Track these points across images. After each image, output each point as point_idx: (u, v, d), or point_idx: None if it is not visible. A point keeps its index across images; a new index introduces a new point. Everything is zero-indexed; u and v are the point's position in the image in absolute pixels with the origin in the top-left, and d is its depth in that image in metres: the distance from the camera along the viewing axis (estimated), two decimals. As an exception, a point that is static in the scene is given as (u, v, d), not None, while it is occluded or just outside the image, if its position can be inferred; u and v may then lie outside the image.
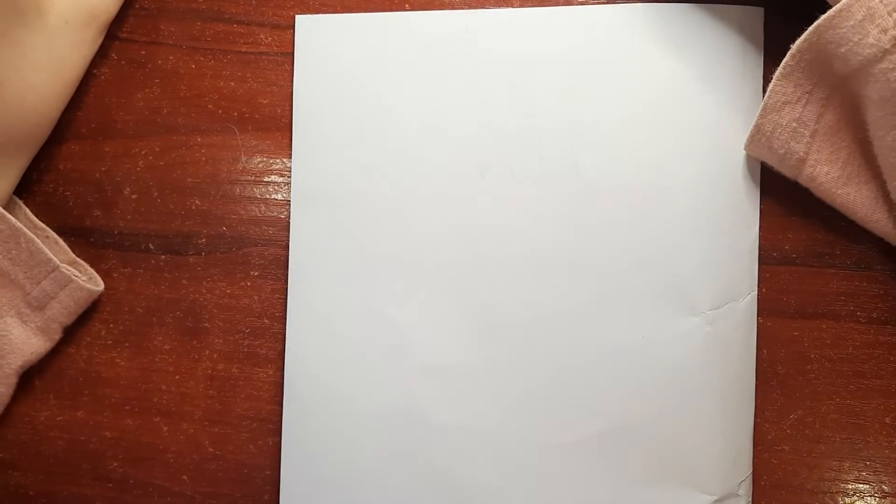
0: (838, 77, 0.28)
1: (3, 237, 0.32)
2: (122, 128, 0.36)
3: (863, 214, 0.30)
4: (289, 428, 0.34)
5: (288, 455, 0.34)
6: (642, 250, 0.33)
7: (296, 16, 0.35)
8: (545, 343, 0.33)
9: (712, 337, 0.32)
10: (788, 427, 0.33)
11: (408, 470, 0.33)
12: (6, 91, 0.31)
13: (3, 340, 0.32)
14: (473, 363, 0.33)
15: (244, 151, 0.35)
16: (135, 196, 0.36)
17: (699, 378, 0.33)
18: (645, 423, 0.33)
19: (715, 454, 0.32)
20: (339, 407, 0.34)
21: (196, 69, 0.35)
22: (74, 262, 0.34)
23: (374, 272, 0.34)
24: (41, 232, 0.34)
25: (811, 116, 0.29)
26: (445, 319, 0.34)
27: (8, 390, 0.33)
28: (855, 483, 0.33)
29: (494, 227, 0.33)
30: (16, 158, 0.33)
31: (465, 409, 0.33)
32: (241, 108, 0.35)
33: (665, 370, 0.33)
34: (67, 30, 0.32)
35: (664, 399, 0.33)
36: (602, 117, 0.33)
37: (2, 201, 0.32)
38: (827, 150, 0.29)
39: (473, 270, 0.33)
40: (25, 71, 0.31)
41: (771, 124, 0.29)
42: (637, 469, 0.33)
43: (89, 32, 0.33)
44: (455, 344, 0.34)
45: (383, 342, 0.34)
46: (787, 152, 0.29)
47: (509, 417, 0.33)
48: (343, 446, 0.33)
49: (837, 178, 0.30)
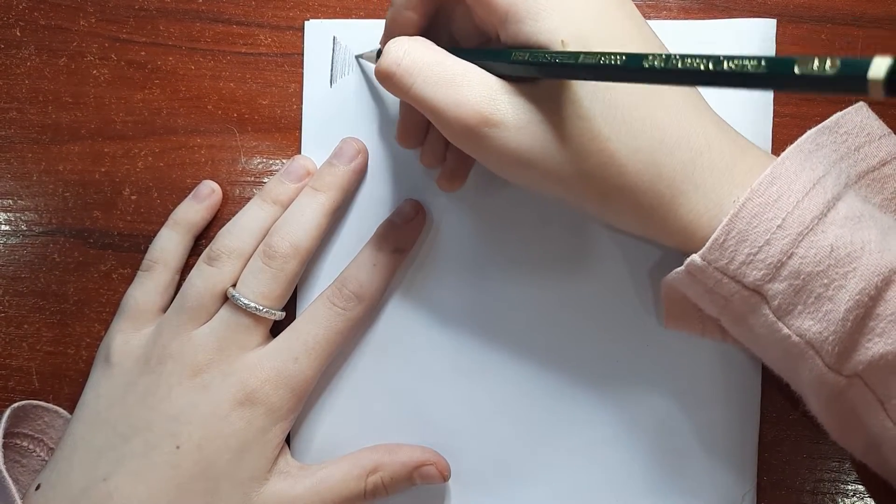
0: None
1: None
2: (122, 129, 0.36)
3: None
4: (296, 431, 0.34)
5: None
6: (648, 253, 0.33)
7: (305, 21, 0.35)
8: (547, 347, 0.33)
9: (717, 345, 0.32)
10: (788, 427, 0.33)
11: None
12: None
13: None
14: (474, 366, 0.33)
15: (244, 153, 0.35)
16: (134, 197, 0.36)
17: (703, 387, 0.32)
18: (647, 432, 0.33)
19: (718, 464, 0.32)
20: (344, 408, 0.34)
21: (196, 70, 0.35)
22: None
23: None
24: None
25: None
26: (449, 323, 0.34)
27: None
28: (855, 483, 0.33)
29: (499, 229, 0.33)
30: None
31: (466, 413, 0.33)
32: (241, 110, 0.35)
33: (668, 378, 0.33)
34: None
35: (667, 408, 0.33)
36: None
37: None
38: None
39: (480, 273, 0.33)
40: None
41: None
42: (638, 478, 0.33)
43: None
44: (459, 347, 0.33)
45: (389, 343, 0.34)
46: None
47: (509, 421, 0.33)
48: (343, 450, 0.33)
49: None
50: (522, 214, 0.33)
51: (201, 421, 0.30)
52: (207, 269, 0.32)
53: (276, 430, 0.31)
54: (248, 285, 0.32)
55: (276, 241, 0.32)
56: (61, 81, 0.36)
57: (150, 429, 0.30)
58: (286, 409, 0.31)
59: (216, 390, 0.31)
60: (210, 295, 0.32)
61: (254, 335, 0.32)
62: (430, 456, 0.32)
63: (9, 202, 0.36)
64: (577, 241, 0.33)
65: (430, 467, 0.32)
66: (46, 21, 0.36)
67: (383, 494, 0.32)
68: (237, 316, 0.32)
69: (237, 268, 0.32)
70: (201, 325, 0.32)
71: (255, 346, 0.32)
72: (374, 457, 0.32)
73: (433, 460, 0.32)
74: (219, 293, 0.32)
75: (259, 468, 0.31)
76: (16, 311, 0.36)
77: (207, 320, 0.32)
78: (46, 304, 0.36)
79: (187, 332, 0.32)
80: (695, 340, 0.32)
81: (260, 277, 0.32)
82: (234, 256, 0.32)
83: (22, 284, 0.36)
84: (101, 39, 0.36)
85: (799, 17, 0.33)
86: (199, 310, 0.32)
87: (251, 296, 0.31)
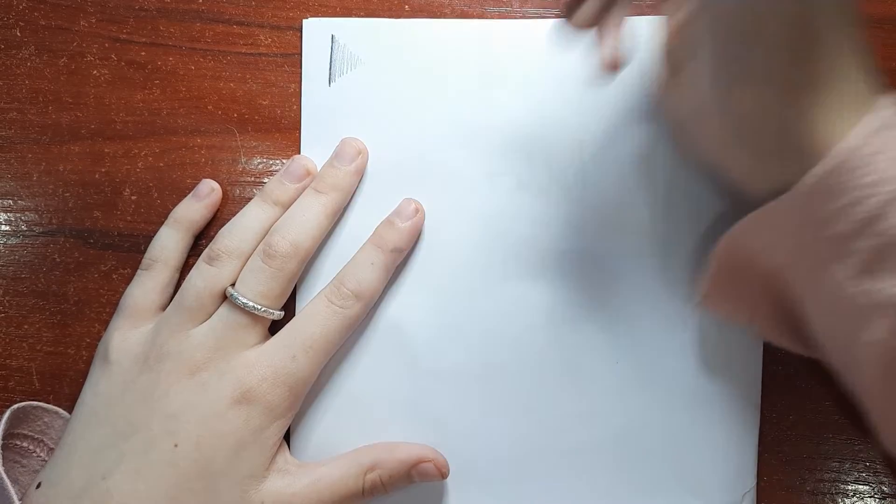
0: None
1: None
2: (122, 129, 0.36)
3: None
4: (295, 425, 0.34)
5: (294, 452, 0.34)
6: (648, 258, 0.33)
7: (303, 20, 0.35)
8: (547, 349, 0.33)
9: (718, 345, 0.32)
10: (788, 428, 0.33)
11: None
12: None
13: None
14: (475, 368, 0.33)
15: (244, 153, 0.35)
16: (134, 197, 0.36)
17: (703, 387, 0.32)
18: (647, 432, 0.33)
19: (718, 465, 0.32)
20: (343, 407, 0.34)
21: (196, 70, 0.35)
22: None
23: None
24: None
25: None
26: (449, 323, 0.34)
27: None
28: (855, 484, 0.33)
29: (500, 233, 0.34)
30: None
31: (465, 413, 0.33)
32: (241, 110, 0.35)
33: (669, 378, 0.33)
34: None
35: (667, 407, 0.33)
36: (610, 128, 0.33)
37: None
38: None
39: (478, 275, 0.34)
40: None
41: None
42: (638, 478, 0.33)
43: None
44: (457, 348, 0.34)
45: (387, 344, 0.34)
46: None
47: (509, 422, 0.33)
48: (342, 449, 0.33)
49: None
50: (521, 214, 0.33)
51: (199, 419, 0.30)
52: (207, 268, 0.32)
53: (273, 428, 0.31)
54: (247, 284, 0.32)
55: (276, 241, 0.32)
56: (61, 82, 0.36)
57: (149, 427, 0.30)
58: (284, 408, 0.31)
59: (214, 389, 0.31)
60: (209, 294, 0.32)
61: (252, 334, 0.32)
62: (428, 453, 0.32)
63: (9, 202, 0.36)
64: (578, 242, 0.33)
65: (429, 465, 0.32)
66: (47, 21, 0.36)
67: (382, 492, 0.32)
68: (236, 315, 0.32)
69: (237, 267, 0.32)
70: (200, 323, 0.32)
71: (253, 344, 0.32)
72: (373, 454, 0.32)
73: (431, 458, 0.32)
74: (218, 292, 0.32)
75: (257, 466, 0.31)
76: (16, 311, 0.36)
77: (206, 319, 0.32)
78: (46, 304, 0.36)
79: (185, 331, 0.32)
80: (696, 345, 0.32)
81: (259, 276, 0.32)
82: (233, 256, 0.32)
83: (22, 285, 0.36)
84: (101, 40, 0.36)
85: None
86: (198, 309, 0.32)
87: (250, 294, 0.31)
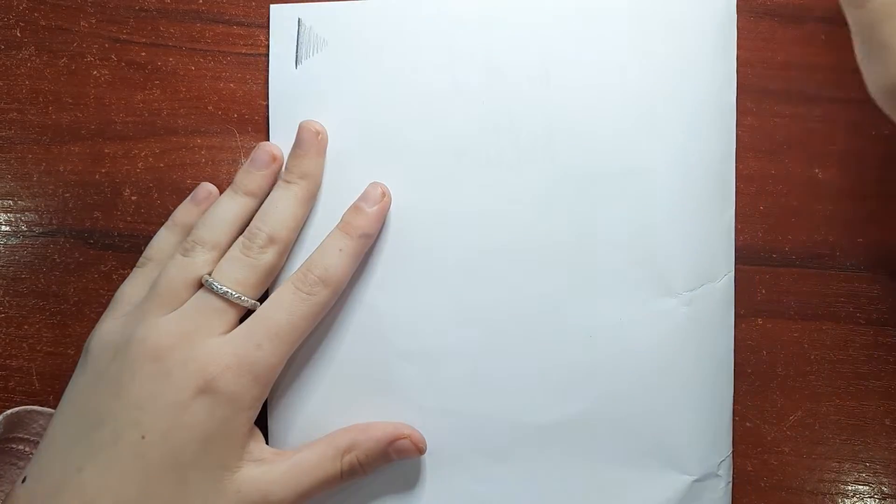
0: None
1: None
2: (122, 129, 0.36)
3: None
4: (272, 413, 0.34)
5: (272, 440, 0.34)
6: (618, 233, 0.33)
7: (270, 5, 0.35)
8: (522, 326, 0.33)
9: (690, 318, 0.32)
10: (788, 428, 0.33)
11: None
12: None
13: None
14: (450, 346, 0.34)
15: (244, 153, 0.35)
16: (134, 198, 0.36)
17: (677, 359, 0.33)
18: (623, 405, 0.33)
19: (694, 435, 0.33)
20: (320, 393, 0.34)
21: (196, 71, 0.35)
22: None
23: None
24: None
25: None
26: (423, 304, 0.34)
27: None
28: (854, 484, 0.33)
29: (470, 212, 0.34)
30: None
31: (442, 392, 0.33)
32: (241, 110, 0.35)
33: (643, 352, 0.33)
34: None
35: (642, 380, 0.33)
36: (577, 102, 0.33)
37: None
38: None
39: (450, 255, 0.34)
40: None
41: None
42: (615, 450, 0.33)
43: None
44: (432, 327, 0.34)
45: (362, 327, 0.34)
46: None
47: (487, 400, 0.33)
48: (324, 432, 0.33)
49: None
50: (492, 191, 0.33)
51: (164, 410, 0.30)
52: (181, 258, 0.32)
53: (240, 418, 0.30)
54: (224, 272, 0.32)
55: (254, 233, 0.32)
56: (62, 82, 0.36)
57: (116, 417, 0.30)
58: (250, 398, 0.31)
59: (177, 378, 0.30)
60: (182, 282, 0.32)
61: (223, 321, 0.31)
62: (404, 430, 0.32)
63: (9, 203, 0.36)
64: (550, 217, 0.33)
65: (405, 441, 0.32)
66: (47, 22, 0.36)
67: (360, 473, 0.32)
68: (209, 299, 0.31)
69: (211, 258, 0.32)
70: (172, 311, 0.32)
71: (220, 332, 0.31)
72: (348, 436, 0.32)
73: (407, 433, 0.32)
74: (192, 281, 0.32)
75: (228, 457, 0.30)
76: (16, 311, 0.36)
77: (178, 308, 0.32)
78: (46, 304, 0.36)
79: (155, 317, 0.31)
80: (668, 319, 0.32)
81: (235, 265, 0.32)
82: (207, 247, 0.32)
83: (22, 285, 0.36)
84: (101, 40, 0.36)
85: (799, 17, 0.33)
86: (169, 295, 0.31)
87: (225, 280, 0.31)
